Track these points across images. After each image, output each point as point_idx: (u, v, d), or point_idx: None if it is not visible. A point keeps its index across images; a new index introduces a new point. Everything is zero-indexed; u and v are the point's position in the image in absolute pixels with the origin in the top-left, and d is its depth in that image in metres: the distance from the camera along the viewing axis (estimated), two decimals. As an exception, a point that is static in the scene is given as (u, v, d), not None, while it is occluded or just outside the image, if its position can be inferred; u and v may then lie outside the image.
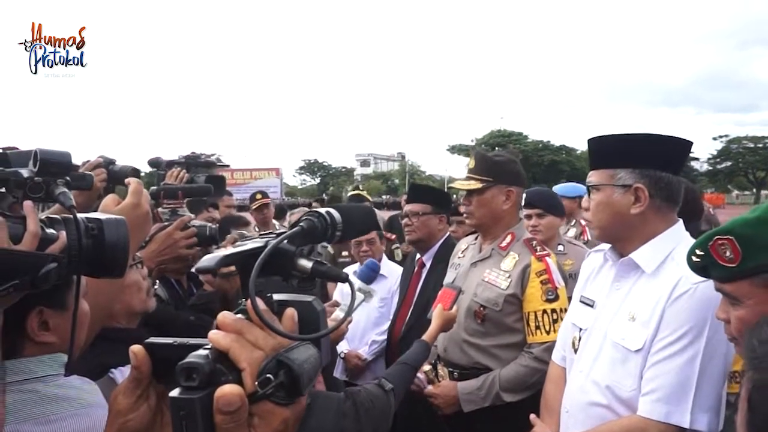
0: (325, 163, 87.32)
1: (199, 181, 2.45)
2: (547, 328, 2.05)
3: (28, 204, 0.91)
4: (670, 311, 1.41)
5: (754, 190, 70.81)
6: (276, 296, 0.65)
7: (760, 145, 69.12)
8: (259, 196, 5.08)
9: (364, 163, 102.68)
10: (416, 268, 2.95)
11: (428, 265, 2.88)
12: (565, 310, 2.07)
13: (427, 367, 2.30)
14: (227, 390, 0.52)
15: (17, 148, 1.13)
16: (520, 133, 74.76)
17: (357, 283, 2.22)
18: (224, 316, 0.59)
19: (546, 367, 1.99)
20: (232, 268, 1.88)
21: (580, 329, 1.68)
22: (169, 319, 1.79)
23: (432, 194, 3.09)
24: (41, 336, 1.07)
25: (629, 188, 1.52)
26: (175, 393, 0.53)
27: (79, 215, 0.98)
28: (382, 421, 1.48)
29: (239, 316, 0.60)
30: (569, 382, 1.68)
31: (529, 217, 2.98)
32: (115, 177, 1.83)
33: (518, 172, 2.31)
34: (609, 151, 1.60)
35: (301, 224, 0.67)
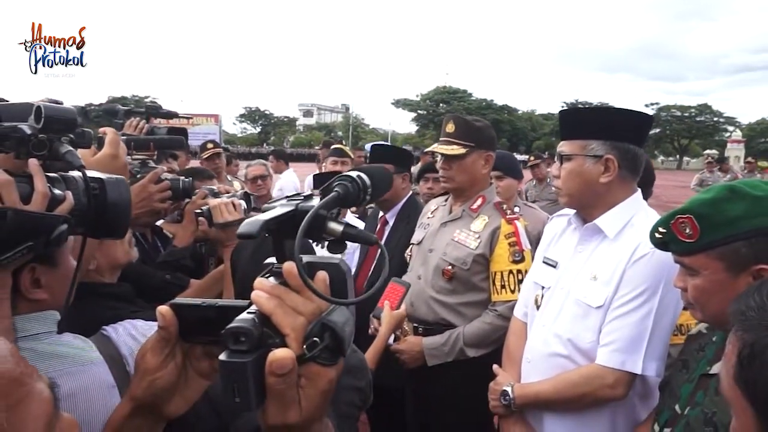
0: (266, 112, 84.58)
1: (160, 132, 2.35)
2: (512, 287, 2.16)
3: (33, 162, 0.87)
4: (630, 272, 1.55)
5: (678, 156, 75.42)
6: (304, 258, 0.65)
7: (686, 114, 73.36)
8: (210, 145, 4.81)
9: (307, 113, 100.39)
10: (379, 226, 3.00)
11: (391, 222, 2.94)
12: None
13: None
14: (280, 354, 0.54)
15: (6, 101, 1.06)
16: (464, 91, 75.38)
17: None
18: (261, 282, 0.60)
19: (509, 324, 2.13)
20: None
21: (543, 287, 1.81)
22: (146, 276, 1.77)
23: (394, 153, 3.11)
24: (34, 293, 1.04)
25: (600, 159, 1.62)
26: (224, 356, 0.54)
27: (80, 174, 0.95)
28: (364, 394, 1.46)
29: (272, 279, 0.61)
30: (531, 335, 1.82)
31: None
32: None
33: (494, 137, 2.39)
34: (581, 122, 1.69)
35: (336, 189, 0.68)
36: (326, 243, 0.69)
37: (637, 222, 1.62)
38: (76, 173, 0.98)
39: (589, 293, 1.62)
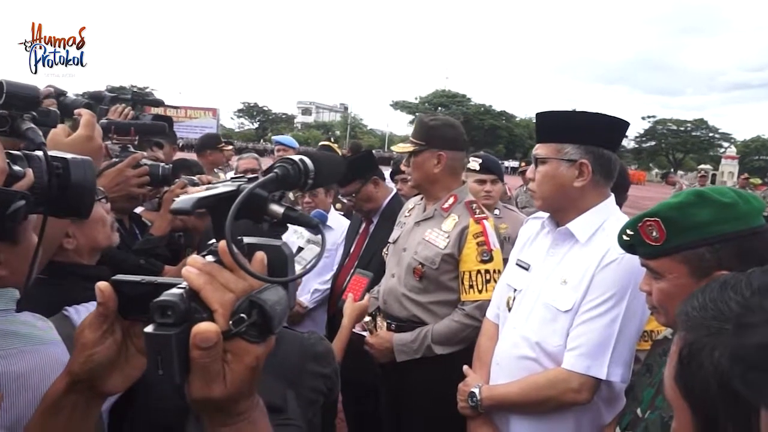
0: (265, 108, 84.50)
1: (146, 120, 2.35)
2: (480, 287, 2.16)
3: None
4: (599, 277, 1.56)
5: (672, 170, 75.85)
6: (246, 239, 0.66)
7: (682, 129, 73.90)
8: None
9: (306, 111, 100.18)
10: (364, 224, 3.00)
11: (376, 221, 2.94)
12: (499, 271, 2.19)
13: (367, 318, 2.38)
14: (204, 327, 0.55)
15: None
16: (463, 95, 75.49)
17: (306, 234, 2.24)
18: (194, 259, 0.61)
19: (476, 324, 2.13)
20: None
21: (515, 290, 1.81)
22: (119, 260, 1.77)
23: (348, 166, 3.08)
24: None
25: (574, 163, 1.62)
26: (149, 329, 0.55)
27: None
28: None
29: (209, 257, 0.62)
30: (501, 337, 1.82)
31: (483, 182, 3.11)
32: (66, 109, 1.74)
33: (453, 137, 2.33)
34: (557, 126, 1.69)
35: (275, 170, 0.68)
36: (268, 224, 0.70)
37: (608, 227, 1.62)
38: (39, 152, 0.97)
39: (558, 297, 1.62)
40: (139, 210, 2.48)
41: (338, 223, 3.34)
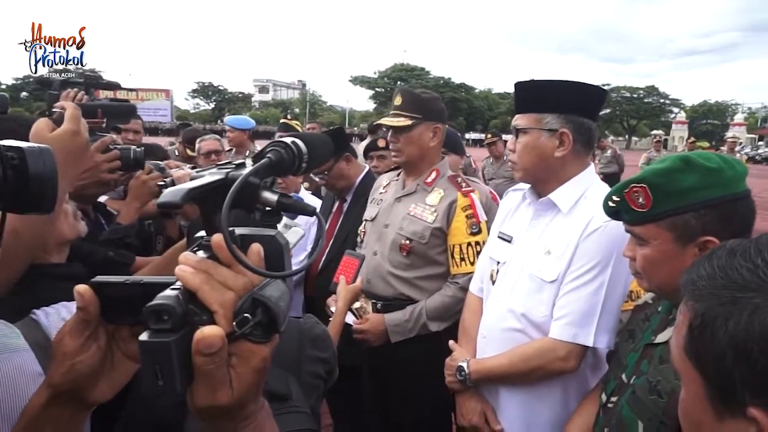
0: (220, 87, 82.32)
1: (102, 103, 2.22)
2: (471, 259, 2.16)
3: None
4: (583, 246, 1.57)
5: (627, 136, 78.09)
6: (237, 230, 0.62)
7: (635, 96, 75.96)
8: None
9: (263, 90, 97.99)
10: (338, 203, 2.95)
11: (349, 199, 2.90)
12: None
13: (357, 304, 2.32)
14: (208, 332, 0.50)
15: None
16: (422, 69, 75.43)
17: (284, 219, 2.17)
18: (186, 257, 0.56)
19: None
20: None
21: (498, 262, 1.81)
22: (87, 253, 1.67)
23: None
24: None
25: (555, 132, 1.61)
26: (144, 336, 0.51)
27: None
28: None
29: (201, 253, 0.57)
30: (486, 310, 1.82)
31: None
32: None
33: (442, 109, 2.34)
34: (537, 96, 1.67)
35: (268, 155, 0.64)
36: (260, 214, 0.65)
37: (590, 196, 1.63)
38: None
39: (543, 267, 1.63)
40: (102, 199, 2.37)
41: (310, 203, 3.27)
